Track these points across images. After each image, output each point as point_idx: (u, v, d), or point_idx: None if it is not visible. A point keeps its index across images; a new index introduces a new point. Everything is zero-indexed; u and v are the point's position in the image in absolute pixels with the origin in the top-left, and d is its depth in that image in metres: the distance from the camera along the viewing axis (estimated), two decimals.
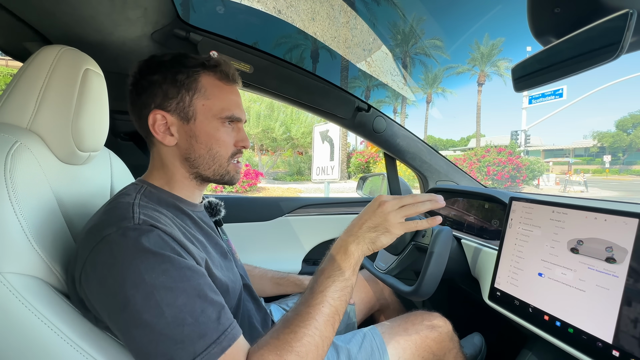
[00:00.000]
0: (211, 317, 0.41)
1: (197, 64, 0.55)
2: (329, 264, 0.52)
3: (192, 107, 0.54)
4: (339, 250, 0.53)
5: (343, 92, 1.22)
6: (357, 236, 0.53)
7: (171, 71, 0.54)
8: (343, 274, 0.50)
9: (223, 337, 0.40)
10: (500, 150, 13.07)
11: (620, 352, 0.46)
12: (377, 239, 0.53)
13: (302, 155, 16.63)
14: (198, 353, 0.38)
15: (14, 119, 0.53)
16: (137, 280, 0.40)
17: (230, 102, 0.57)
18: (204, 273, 0.46)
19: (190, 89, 0.54)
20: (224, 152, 0.57)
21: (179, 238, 0.47)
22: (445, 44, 23.76)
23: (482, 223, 1.03)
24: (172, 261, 0.42)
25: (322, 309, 0.46)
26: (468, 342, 0.93)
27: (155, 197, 0.54)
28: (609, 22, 0.42)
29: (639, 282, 0.46)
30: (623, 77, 13.44)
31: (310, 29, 8.16)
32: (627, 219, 0.49)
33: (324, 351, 0.46)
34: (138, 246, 0.42)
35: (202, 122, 0.55)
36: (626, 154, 33.64)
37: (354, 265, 0.52)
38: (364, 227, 0.54)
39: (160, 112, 0.54)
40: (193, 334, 0.39)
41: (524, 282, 0.62)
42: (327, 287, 0.49)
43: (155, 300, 0.39)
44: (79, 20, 0.72)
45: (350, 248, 0.52)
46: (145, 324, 0.38)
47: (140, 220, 0.45)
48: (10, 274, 0.43)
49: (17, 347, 0.43)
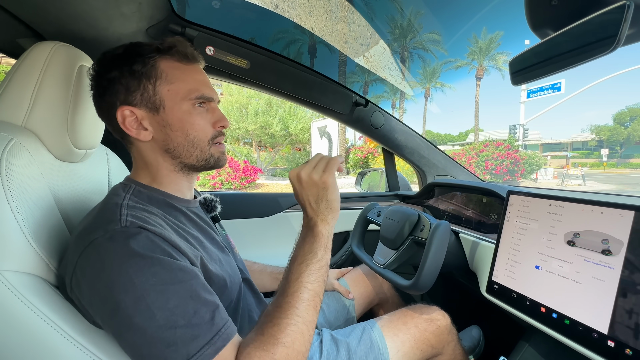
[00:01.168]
0: (204, 317, 0.41)
1: (151, 50, 0.53)
2: (299, 250, 0.52)
3: (157, 96, 0.52)
4: (306, 234, 0.53)
5: (341, 87, 1.22)
6: (316, 214, 0.53)
7: (127, 63, 0.52)
8: (315, 255, 0.50)
9: (217, 337, 0.40)
10: (499, 145, 13.09)
11: (615, 342, 0.47)
12: (329, 203, 0.53)
13: (301, 152, 16.61)
14: (192, 354, 0.38)
15: (9, 116, 0.52)
16: (127, 284, 0.39)
17: (196, 82, 0.55)
18: (197, 274, 0.45)
19: (151, 76, 0.52)
20: (202, 135, 0.55)
21: (170, 238, 0.46)
22: (444, 38, 23.65)
23: (480, 217, 1.03)
24: (162, 263, 0.42)
25: (300, 296, 0.47)
26: (466, 334, 0.94)
27: (145, 196, 0.53)
28: (606, 14, 0.41)
29: (634, 274, 0.47)
30: (621, 70, 13.43)
31: (308, 24, 8.09)
32: (623, 212, 0.50)
33: (310, 335, 0.46)
34: (126, 250, 0.41)
35: (172, 108, 0.53)
36: (623, 147, 33.77)
37: (325, 243, 0.52)
38: (312, 204, 0.53)
39: (127, 108, 0.52)
40: (185, 335, 0.39)
41: (521, 275, 0.63)
42: (302, 273, 0.49)
43: (146, 304, 0.39)
44: (73, 16, 0.71)
45: (317, 228, 0.52)
46: (136, 328, 0.38)
47: (127, 222, 0.44)
48: (8, 272, 0.43)
49: (16, 345, 0.43)
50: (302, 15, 4.60)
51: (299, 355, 0.43)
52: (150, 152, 0.55)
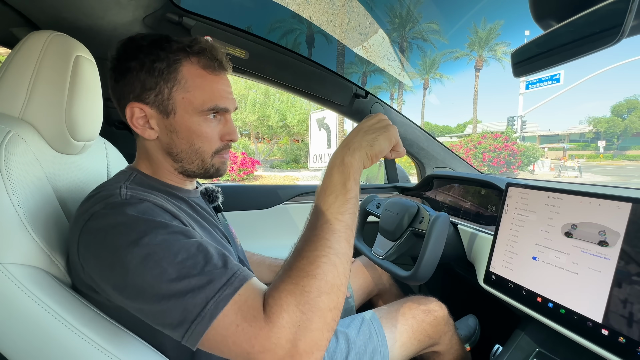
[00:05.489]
0: (217, 265, 0.40)
1: (178, 49, 0.50)
2: (327, 181, 0.48)
3: (171, 101, 0.51)
4: (334, 164, 0.48)
5: (340, 78, 1.21)
6: (352, 144, 0.49)
7: (149, 57, 0.50)
8: (344, 186, 0.46)
9: (233, 278, 0.39)
10: (497, 137, 13.09)
11: (609, 330, 0.48)
12: (375, 140, 0.49)
13: (299, 143, 16.53)
14: (210, 297, 0.37)
15: (5, 108, 0.52)
16: (131, 245, 0.39)
17: (214, 93, 0.52)
18: (201, 236, 0.44)
19: (169, 80, 0.50)
20: (207, 147, 0.54)
21: (172, 210, 0.45)
22: (443, 28, 23.35)
23: (478, 209, 1.04)
24: (163, 225, 0.41)
25: (331, 227, 0.43)
26: (463, 323, 0.96)
27: (146, 183, 0.53)
28: (611, 4, 0.41)
29: (629, 265, 0.48)
30: (621, 61, 13.36)
31: (306, 12, 7.94)
32: (621, 204, 0.50)
33: (345, 269, 0.43)
34: (127, 215, 0.41)
35: (183, 116, 0.51)
36: (620, 139, 33.89)
37: (354, 174, 0.47)
38: (360, 133, 0.50)
39: (137, 105, 0.51)
40: (201, 282, 0.38)
41: (519, 265, 0.64)
42: (331, 204, 0.45)
43: (154, 261, 0.38)
44: (68, 4, 0.69)
45: (346, 159, 0.48)
46: (150, 286, 0.38)
47: (127, 195, 0.44)
48: (11, 264, 0.43)
49: (20, 336, 0.43)
50: (300, 3, 4.51)
51: (333, 287, 0.40)
52: (153, 149, 0.55)
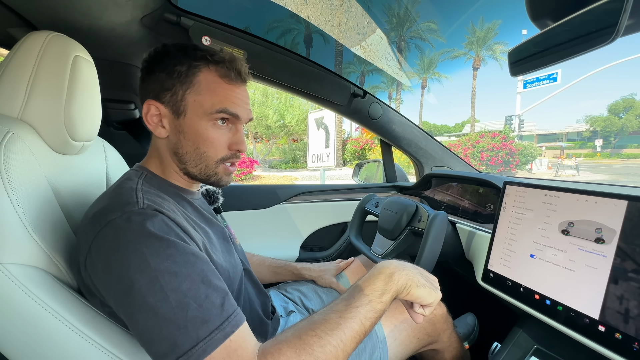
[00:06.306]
0: (215, 302, 0.41)
1: (200, 57, 0.53)
2: (369, 282, 0.51)
3: (183, 102, 0.53)
4: (383, 272, 0.52)
5: (339, 77, 1.21)
6: (407, 269, 0.53)
7: (173, 61, 0.52)
8: (381, 296, 0.49)
9: (227, 323, 0.41)
10: (494, 136, 13.13)
11: (606, 327, 0.48)
12: (423, 287, 0.52)
13: (297, 143, 16.52)
14: (201, 338, 0.38)
15: (4, 108, 0.52)
16: (142, 264, 0.40)
17: (225, 98, 0.53)
18: (207, 259, 0.46)
19: (185, 82, 0.52)
20: (212, 153, 0.54)
21: (182, 224, 0.47)
22: (441, 28, 23.45)
23: (476, 207, 1.05)
24: (176, 246, 0.42)
25: (352, 324, 0.45)
26: (461, 322, 0.97)
27: (155, 183, 0.54)
28: (606, 4, 0.41)
29: (625, 261, 0.48)
30: (617, 60, 13.43)
31: (303, 12, 7.93)
32: (617, 201, 0.51)
33: None
34: (143, 231, 0.42)
35: (192, 118, 0.53)
36: (617, 137, 34.06)
37: (393, 292, 0.50)
38: (418, 272, 0.54)
39: (154, 103, 0.53)
40: (196, 319, 0.39)
41: (516, 263, 0.64)
42: (363, 305, 0.47)
43: (160, 285, 0.39)
44: (65, 4, 0.69)
45: (396, 276, 0.51)
46: (149, 308, 0.39)
47: (144, 204, 0.45)
48: (11, 264, 0.43)
49: (22, 336, 0.43)
50: (298, 3, 4.51)
51: None
52: (163, 147, 0.56)
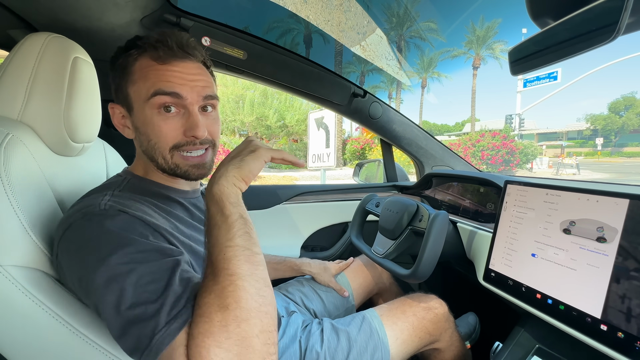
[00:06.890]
0: (176, 292, 0.39)
1: (134, 46, 0.50)
2: (207, 217, 0.45)
3: (128, 97, 0.50)
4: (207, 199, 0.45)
5: (339, 77, 1.21)
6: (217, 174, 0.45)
7: (117, 56, 0.51)
8: (222, 214, 0.43)
9: (184, 311, 0.38)
10: (495, 135, 13.11)
11: (608, 326, 0.48)
12: (242, 161, 0.45)
13: (297, 143, 16.52)
14: (160, 328, 0.37)
15: (4, 110, 0.52)
16: (99, 263, 0.39)
17: (158, 78, 0.48)
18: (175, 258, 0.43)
19: (124, 75, 0.50)
20: (162, 142, 0.50)
21: (150, 221, 0.45)
22: (441, 27, 23.44)
23: (477, 207, 1.05)
24: (135, 243, 0.41)
25: (224, 257, 0.40)
26: (463, 321, 0.97)
27: (137, 188, 0.53)
28: (607, 2, 0.41)
29: (627, 260, 0.48)
30: (617, 58, 13.41)
31: (303, 12, 7.94)
32: (618, 200, 0.51)
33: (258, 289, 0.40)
34: (101, 229, 0.41)
35: (138, 111, 0.50)
36: (618, 136, 34.01)
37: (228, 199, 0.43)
38: (226, 161, 0.47)
39: (114, 105, 0.53)
40: (156, 310, 0.37)
41: (518, 262, 0.64)
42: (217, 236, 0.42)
43: (117, 282, 0.38)
44: (65, 6, 0.69)
45: (214, 189, 0.44)
46: (109, 305, 0.38)
47: (107, 206, 0.44)
48: (12, 266, 0.43)
49: (21, 337, 0.44)
50: (297, 3, 4.51)
51: (250, 312, 0.37)
52: (137, 147, 0.56)
